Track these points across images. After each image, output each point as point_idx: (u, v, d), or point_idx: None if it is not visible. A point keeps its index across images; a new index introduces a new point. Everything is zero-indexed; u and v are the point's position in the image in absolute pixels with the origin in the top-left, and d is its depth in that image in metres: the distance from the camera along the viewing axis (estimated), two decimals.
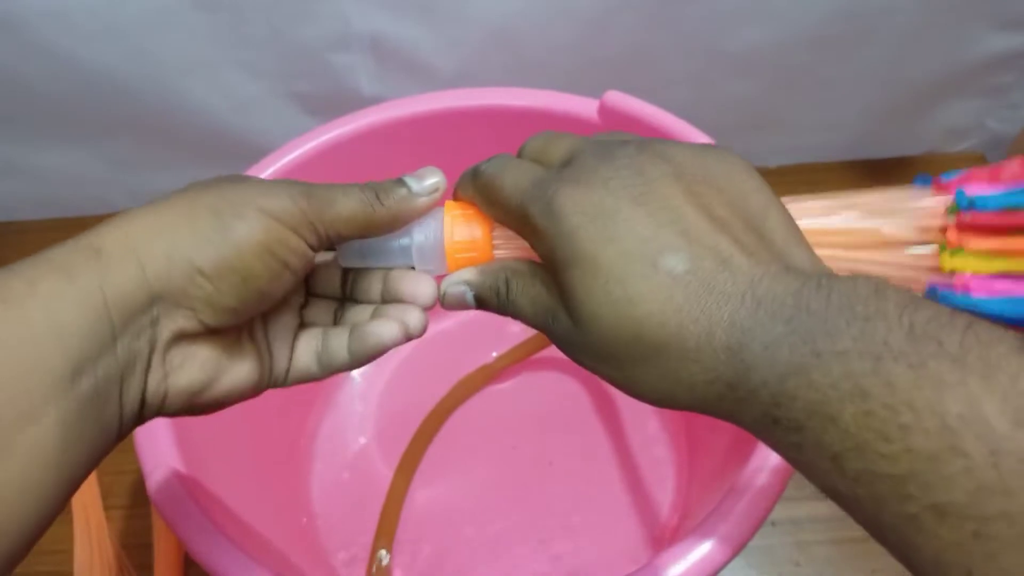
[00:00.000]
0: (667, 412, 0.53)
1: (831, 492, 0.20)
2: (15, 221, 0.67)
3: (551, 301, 0.24)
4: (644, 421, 0.53)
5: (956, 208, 0.28)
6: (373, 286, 0.28)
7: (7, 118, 0.60)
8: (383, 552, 0.48)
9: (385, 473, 0.51)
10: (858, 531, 0.20)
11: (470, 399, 0.54)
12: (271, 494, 0.48)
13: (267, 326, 0.27)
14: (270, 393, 0.27)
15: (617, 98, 0.45)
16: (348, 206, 0.25)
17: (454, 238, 0.27)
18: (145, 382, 0.23)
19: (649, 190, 0.22)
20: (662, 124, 0.44)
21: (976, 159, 0.67)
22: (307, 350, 0.28)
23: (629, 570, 0.31)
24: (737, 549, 0.32)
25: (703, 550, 0.32)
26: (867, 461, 0.18)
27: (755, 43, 0.57)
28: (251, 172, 0.45)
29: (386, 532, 0.48)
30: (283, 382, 0.28)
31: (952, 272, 0.28)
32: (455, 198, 0.28)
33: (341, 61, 0.57)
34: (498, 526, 0.49)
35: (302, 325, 0.28)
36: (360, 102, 0.49)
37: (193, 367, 0.24)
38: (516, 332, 0.55)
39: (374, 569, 0.47)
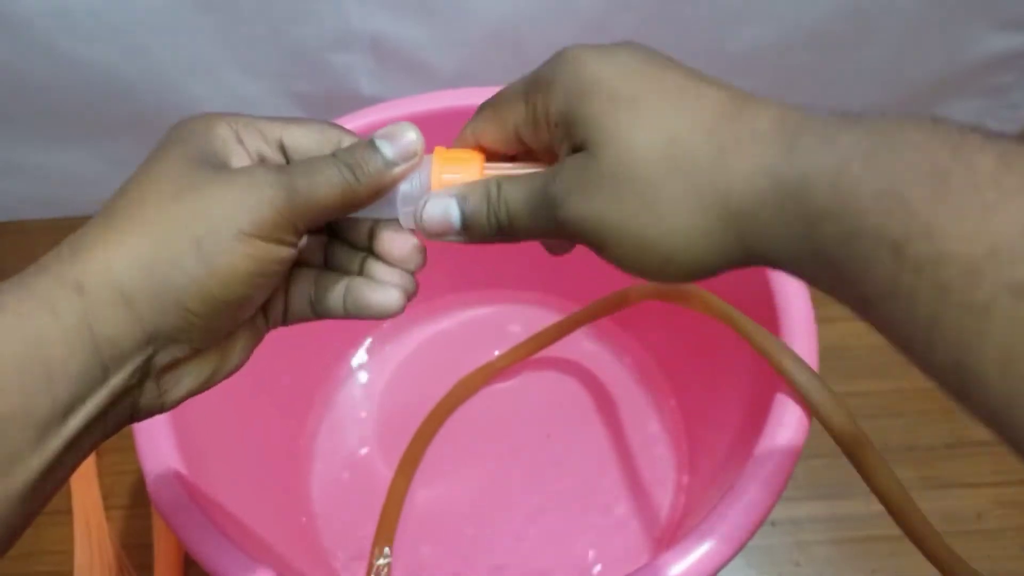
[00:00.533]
0: (667, 412, 0.53)
1: (878, 292, 0.18)
2: (15, 221, 0.67)
3: (550, 172, 0.23)
4: (644, 421, 0.53)
5: None
6: (361, 229, 0.27)
7: (7, 118, 0.60)
8: (383, 553, 0.48)
9: (385, 473, 0.51)
10: (858, 531, 0.19)
11: (470, 399, 0.54)
12: (271, 494, 0.48)
13: None
14: (271, 393, 0.27)
15: None
16: (329, 195, 0.24)
17: (443, 178, 0.25)
18: (137, 404, 0.23)
19: (661, 58, 0.24)
20: None
21: None
22: (301, 296, 0.27)
23: (629, 570, 0.31)
24: (737, 549, 0.32)
25: (703, 550, 0.32)
26: (937, 243, 0.17)
27: (755, 43, 0.57)
28: None
29: (386, 532, 0.48)
30: (282, 324, 0.27)
31: None
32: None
33: (341, 61, 0.57)
34: (498, 526, 0.49)
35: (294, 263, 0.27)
36: (360, 102, 0.49)
37: (189, 379, 0.24)
38: (517, 332, 0.55)
39: (374, 569, 0.47)
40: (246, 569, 0.32)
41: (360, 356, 0.56)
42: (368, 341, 0.56)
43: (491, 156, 0.27)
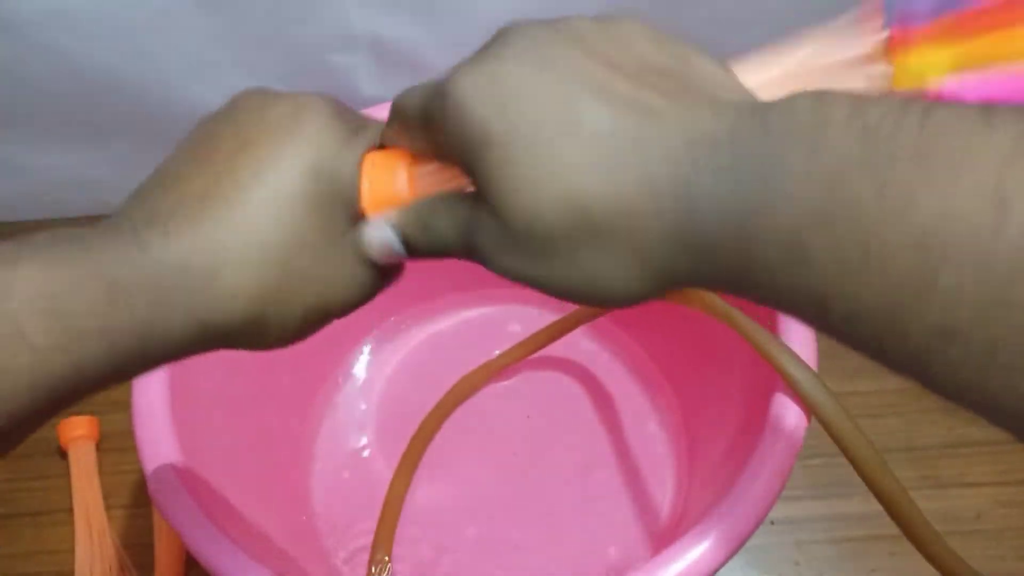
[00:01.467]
0: (667, 412, 0.53)
1: (828, 334, 0.18)
2: (15, 221, 0.67)
3: (474, 211, 0.22)
4: (644, 421, 0.53)
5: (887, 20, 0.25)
6: None
7: (7, 118, 0.60)
8: (383, 553, 0.48)
9: (385, 472, 0.51)
10: (858, 531, 0.19)
11: (471, 398, 0.54)
12: (272, 493, 0.48)
13: None
14: (271, 393, 0.28)
15: None
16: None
17: (375, 197, 0.24)
18: None
19: (550, 55, 0.20)
20: None
21: None
22: None
23: (629, 569, 0.31)
24: (736, 548, 0.32)
25: (702, 549, 0.32)
26: (851, 299, 0.16)
27: (755, 43, 0.57)
28: None
29: (386, 531, 0.48)
30: None
31: (914, 87, 0.25)
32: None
33: (341, 61, 0.57)
34: (498, 525, 0.49)
35: None
36: (360, 102, 0.48)
37: None
38: (517, 331, 0.55)
39: (374, 569, 0.47)
40: (247, 568, 0.32)
41: (360, 355, 0.56)
42: (368, 340, 0.57)
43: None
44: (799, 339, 0.37)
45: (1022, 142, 0.15)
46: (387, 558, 0.48)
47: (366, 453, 0.53)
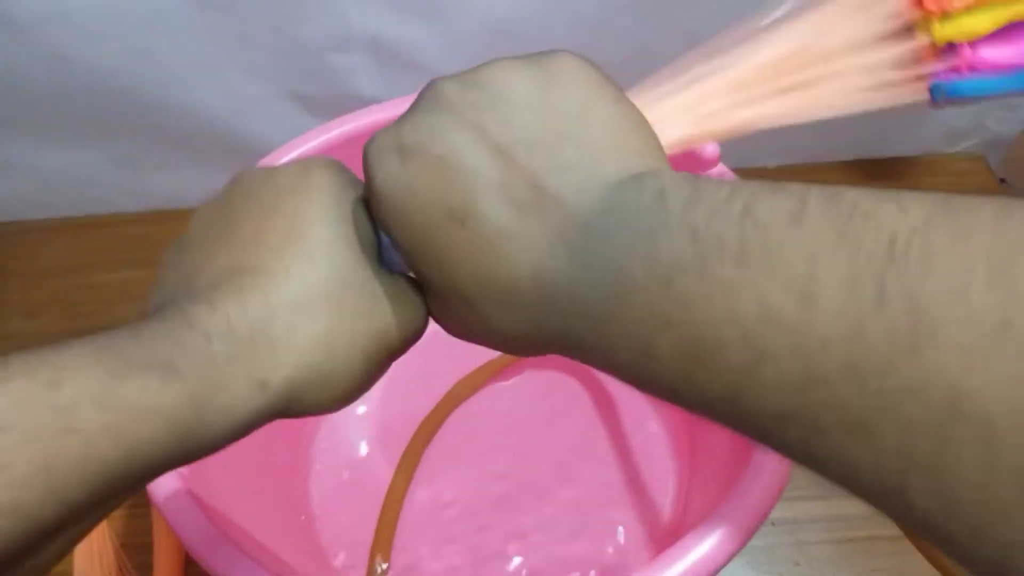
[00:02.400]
0: (667, 412, 0.53)
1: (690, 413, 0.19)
2: (15, 221, 0.67)
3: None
4: (644, 421, 0.53)
5: None
6: None
7: (7, 118, 0.60)
8: (383, 553, 0.48)
9: (385, 472, 0.51)
10: (858, 531, 0.20)
11: (471, 398, 0.54)
12: (271, 493, 0.48)
13: None
14: None
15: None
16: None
17: None
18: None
19: (428, 142, 0.22)
20: None
21: (976, 159, 0.67)
22: None
23: (629, 569, 0.31)
24: (738, 549, 0.32)
25: (703, 550, 0.32)
26: (698, 388, 0.18)
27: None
28: None
29: (386, 532, 0.48)
30: None
31: (950, 47, 0.25)
32: None
33: (342, 61, 0.57)
34: (498, 525, 0.49)
35: None
36: (360, 102, 0.49)
37: None
38: None
39: (374, 570, 0.47)
40: (246, 569, 0.32)
41: None
42: None
43: None
44: None
45: (823, 241, 0.16)
46: (386, 559, 0.48)
47: (365, 454, 0.53)
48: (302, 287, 0.22)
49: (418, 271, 0.23)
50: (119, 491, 0.19)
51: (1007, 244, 0.14)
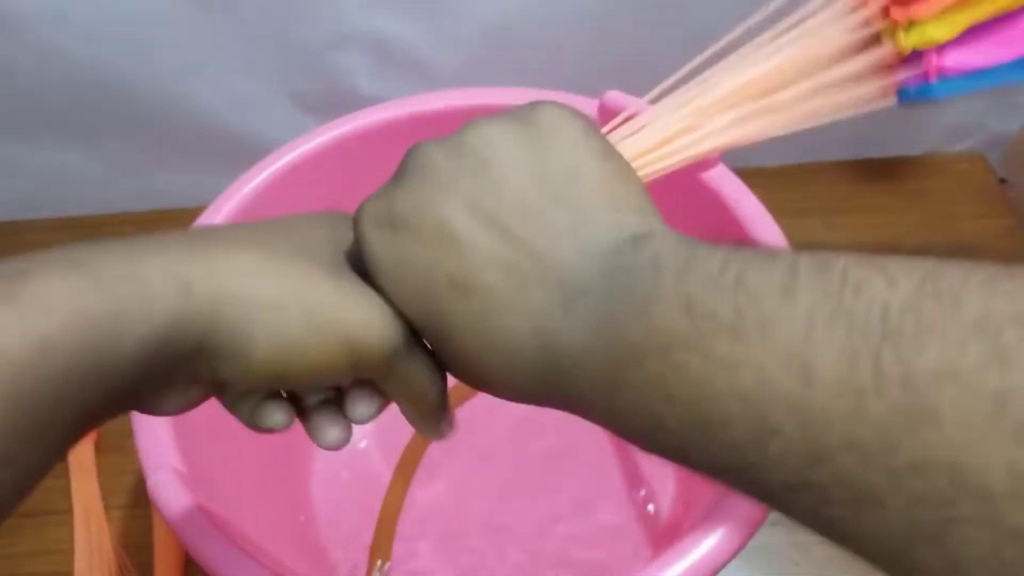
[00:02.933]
0: None
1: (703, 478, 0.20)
2: (15, 221, 0.67)
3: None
4: None
5: None
6: None
7: (7, 118, 0.60)
8: (383, 553, 0.48)
9: (385, 472, 0.51)
10: None
11: (471, 398, 0.54)
12: (270, 494, 0.48)
13: None
14: None
15: (617, 98, 0.45)
16: (406, 386, 0.25)
17: None
18: (141, 395, 0.22)
19: (419, 214, 0.22)
20: None
21: (976, 159, 0.67)
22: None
23: (629, 570, 0.31)
24: (738, 549, 0.32)
25: (703, 550, 0.32)
26: (708, 458, 0.18)
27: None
28: (250, 172, 0.45)
29: (385, 532, 0.48)
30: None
31: (916, 53, 0.25)
32: None
33: (341, 61, 0.57)
34: (497, 526, 0.49)
35: None
36: (360, 102, 0.49)
37: (177, 398, 0.23)
38: None
39: (374, 570, 0.47)
40: (246, 569, 0.32)
41: None
42: None
43: None
44: None
45: (817, 316, 0.16)
46: (386, 558, 0.48)
47: (365, 454, 0.52)
48: (261, 232, 0.23)
49: (422, 334, 0.24)
50: (46, 404, 0.18)
51: (997, 315, 0.15)
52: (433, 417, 0.27)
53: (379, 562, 0.47)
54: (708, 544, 0.32)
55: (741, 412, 0.17)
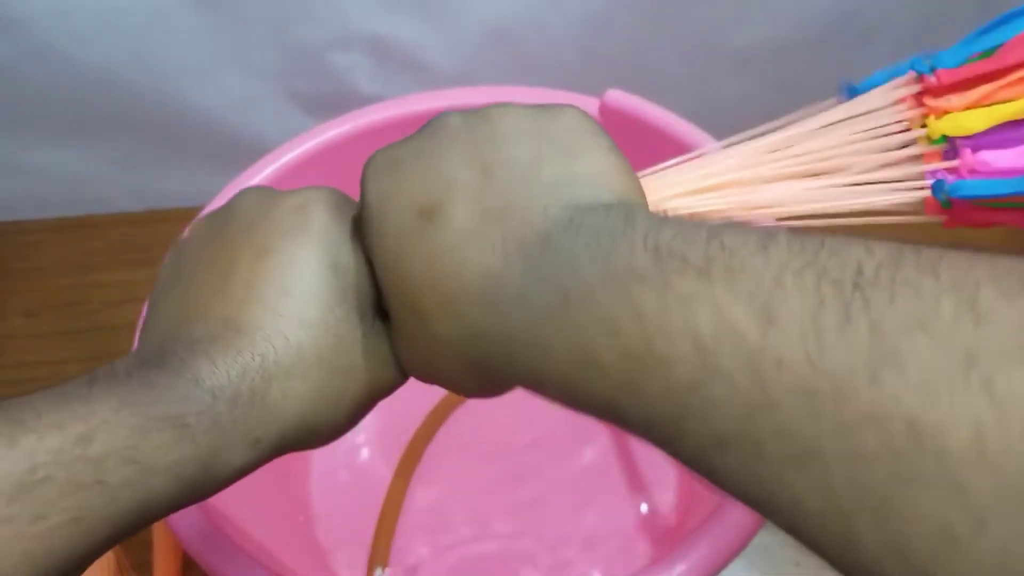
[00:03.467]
0: None
1: (633, 435, 0.19)
2: (15, 221, 0.67)
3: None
4: None
5: (919, 76, 0.27)
6: None
7: (7, 118, 0.60)
8: (382, 554, 0.48)
9: (385, 473, 0.51)
10: None
11: (470, 400, 0.54)
12: (270, 494, 0.48)
13: None
14: None
15: (618, 97, 0.45)
16: None
17: None
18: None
19: (420, 156, 0.23)
20: (663, 124, 0.44)
21: None
22: None
23: (629, 570, 0.31)
24: (738, 549, 0.32)
25: (703, 550, 0.32)
26: (639, 405, 0.17)
27: (755, 42, 0.57)
28: (250, 171, 0.45)
29: (385, 532, 0.48)
30: None
31: (948, 145, 0.25)
32: None
33: (340, 61, 0.57)
34: (497, 526, 0.49)
35: None
36: (360, 102, 0.49)
37: None
38: None
39: (374, 570, 0.47)
40: (245, 569, 0.32)
41: None
42: None
43: None
44: None
45: (789, 266, 0.16)
46: (386, 559, 0.48)
47: (365, 454, 0.52)
48: (297, 352, 0.23)
49: (385, 291, 0.23)
50: (128, 534, 0.20)
51: (975, 279, 0.14)
52: None
53: (379, 562, 0.47)
54: (709, 544, 0.32)
55: (688, 352, 0.16)
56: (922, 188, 0.27)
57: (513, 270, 0.20)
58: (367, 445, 0.53)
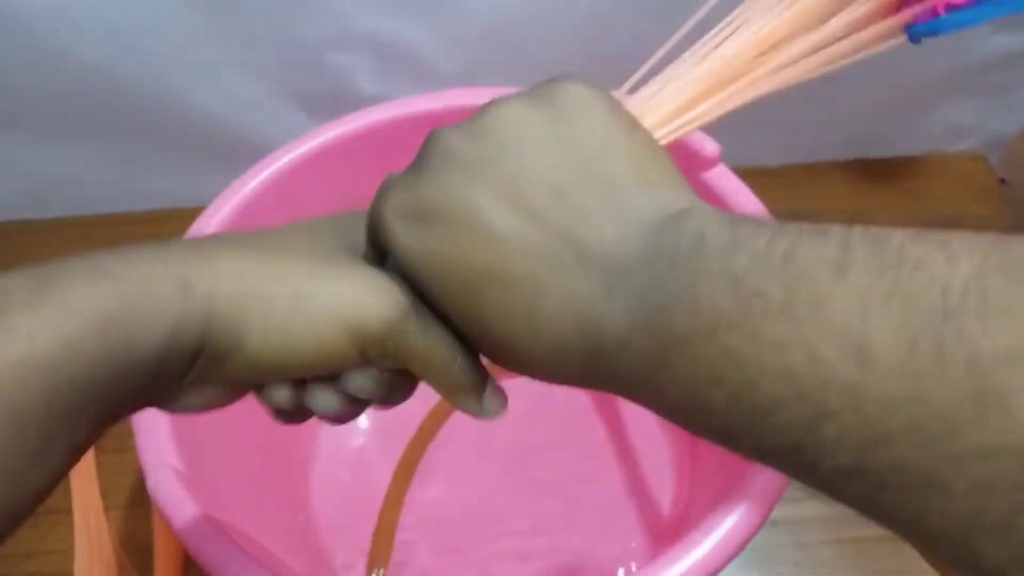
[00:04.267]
0: None
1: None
2: (15, 221, 0.67)
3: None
4: (644, 421, 0.53)
5: None
6: None
7: (7, 118, 0.59)
8: (382, 555, 0.48)
9: (385, 473, 0.51)
10: (859, 531, 0.19)
11: None
12: (271, 494, 0.48)
13: None
14: None
15: (620, 98, 0.45)
16: (420, 358, 0.24)
17: None
18: (153, 394, 0.22)
19: (449, 206, 0.21)
20: None
21: (976, 159, 0.67)
22: None
23: (630, 570, 0.31)
24: (738, 550, 0.32)
25: (703, 550, 0.32)
26: (757, 441, 0.17)
27: None
28: (250, 172, 0.45)
29: (385, 532, 0.48)
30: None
31: None
32: None
33: (341, 61, 0.57)
34: (498, 525, 0.49)
35: None
36: (360, 102, 0.49)
37: (197, 398, 0.24)
38: None
39: (374, 571, 0.47)
40: (245, 568, 0.32)
41: None
42: None
43: None
44: None
45: (872, 295, 0.15)
46: (386, 559, 0.48)
47: (365, 454, 0.52)
48: (267, 235, 0.23)
49: (459, 326, 0.23)
50: (75, 402, 0.19)
51: None
52: (467, 393, 0.26)
53: (379, 562, 0.47)
54: (709, 544, 0.32)
55: (792, 395, 0.16)
56: (895, 32, 0.26)
57: (606, 317, 0.19)
58: (367, 445, 0.53)
